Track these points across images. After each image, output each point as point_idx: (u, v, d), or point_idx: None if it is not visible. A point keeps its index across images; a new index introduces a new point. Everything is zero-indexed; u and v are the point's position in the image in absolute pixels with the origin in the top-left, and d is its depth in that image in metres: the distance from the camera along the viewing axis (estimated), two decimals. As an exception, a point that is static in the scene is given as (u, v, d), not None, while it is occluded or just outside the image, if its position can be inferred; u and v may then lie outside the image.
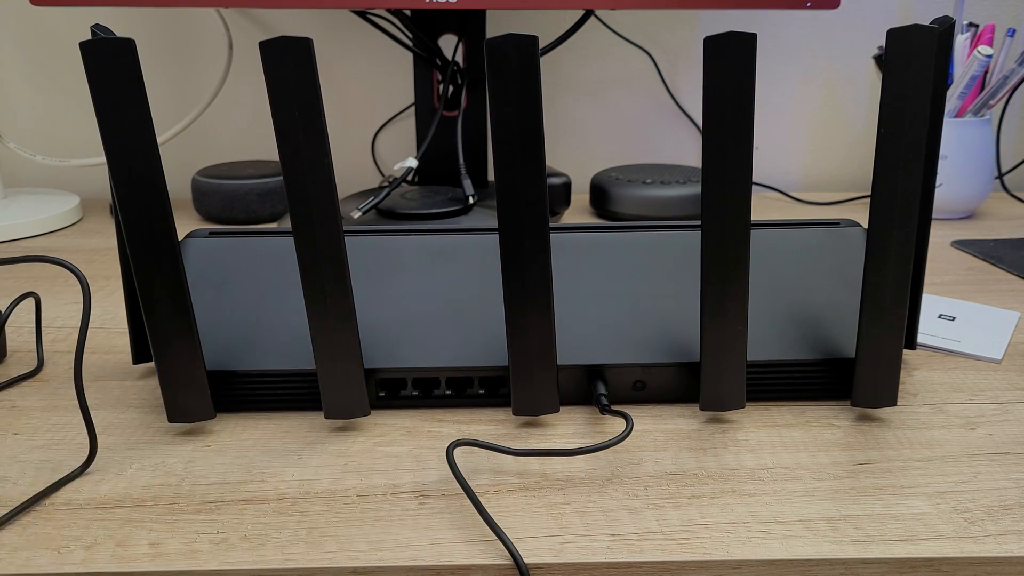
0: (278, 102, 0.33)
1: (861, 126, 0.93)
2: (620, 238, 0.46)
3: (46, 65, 0.88)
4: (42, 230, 0.75)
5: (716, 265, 0.36)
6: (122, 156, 0.35)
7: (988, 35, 0.73)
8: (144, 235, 0.37)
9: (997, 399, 0.42)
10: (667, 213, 0.74)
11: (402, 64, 0.89)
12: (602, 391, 0.40)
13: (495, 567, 0.30)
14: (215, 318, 0.42)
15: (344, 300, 0.37)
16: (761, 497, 0.34)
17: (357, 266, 0.44)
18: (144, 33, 0.87)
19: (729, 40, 0.32)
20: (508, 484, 0.35)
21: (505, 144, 0.34)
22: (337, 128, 0.92)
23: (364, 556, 0.30)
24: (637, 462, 0.36)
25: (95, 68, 0.34)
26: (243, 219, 0.77)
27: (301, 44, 0.33)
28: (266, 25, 0.88)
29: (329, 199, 0.35)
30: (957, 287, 0.59)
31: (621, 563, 0.30)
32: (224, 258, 0.45)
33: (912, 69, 0.33)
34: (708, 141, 0.34)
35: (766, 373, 0.41)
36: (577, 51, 0.90)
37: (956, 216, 0.79)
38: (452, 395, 0.41)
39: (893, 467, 0.36)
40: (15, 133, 0.90)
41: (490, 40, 0.32)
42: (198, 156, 0.91)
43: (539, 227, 0.35)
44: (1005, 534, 0.31)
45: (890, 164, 0.35)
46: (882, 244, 0.36)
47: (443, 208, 0.68)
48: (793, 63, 0.91)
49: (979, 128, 0.75)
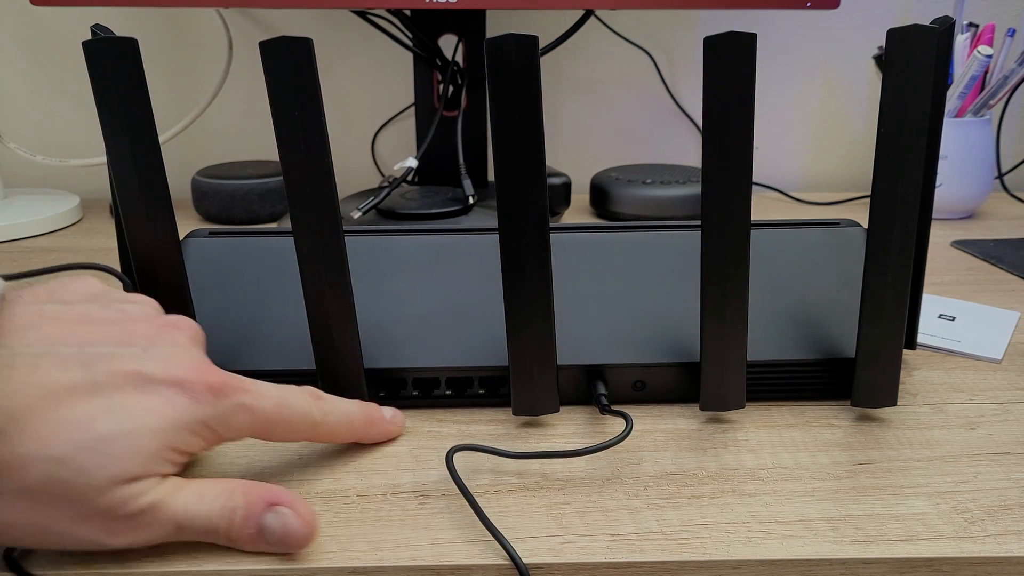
0: (278, 102, 0.33)
1: (861, 126, 0.93)
2: (620, 238, 0.46)
3: (46, 65, 0.88)
4: (42, 230, 0.75)
5: (716, 265, 0.36)
6: (123, 156, 0.35)
7: (988, 35, 0.73)
8: (145, 235, 0.37)
9: (997, 399, 0.42)
10: (667, 213, 0.74)
11: (402, 64, 0.89)
12: (602, 391, 0.40)
13: (495, 567, 0.30)
14: (215, 318, 0.42)
15: (344, 300, 0.37)
16: (761, 497, 0.34)
17: (357, 266, 0.44)
18: (144, 33, 0.87)
19: (729, 40, 0.32)
20: (508, 484, 0.35)
21: (505, 144, 0.34)
22: (337, 128, 0.92)
23: (364, 556, 0.30)
24: (637, 462, 0.36)
25: (98, 68, 0.34)
26: (243, 219, 0.77)
27: (301, 44, 0.33)
28: (266, 25, 0.88)
29: (329, 199, 0.35)
30: (957, 287, 0.59)
31: (621, 563, 0.30)
32: (224, 258, 0.45)
33: (912, 69, 0.33)
34: (708, 141, 0.34)
35: (766, 373, 0.41)
36: (577, 51, 0.90)
37: (956, 216, 0.79)
38: (452, 395, 0.41)
39: (893, 467, 0.36)
40: (15, 133, 0.90)
41: (490, 40, 0.32)
42: (198, 156, 0.91)
43: (539, 227, 0.35)
44: (1005, 534, 0.31)
45: (890, 164, 0.35)
46: (882, 244, 0.36)
47: (443, 208, 0.68)
48: (793, 63, 0.91)
49: (979, 128, 0.75)
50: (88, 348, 0.29)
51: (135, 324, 0.31)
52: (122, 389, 0.29)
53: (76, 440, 0.27)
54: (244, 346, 0.41)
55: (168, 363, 0.30)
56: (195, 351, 0.32)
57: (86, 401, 0.28)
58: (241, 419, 0.31)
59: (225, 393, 0.31)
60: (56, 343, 0.29)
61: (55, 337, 0.29)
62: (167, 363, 0.30)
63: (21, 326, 0.29)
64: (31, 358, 0.28)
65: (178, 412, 0.29)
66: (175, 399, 0.30)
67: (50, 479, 0.27)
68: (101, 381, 0.28)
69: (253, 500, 0.30)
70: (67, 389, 0.28)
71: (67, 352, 0.29)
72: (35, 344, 0.28)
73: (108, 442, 0.28)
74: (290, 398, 0.33)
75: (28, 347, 0.28)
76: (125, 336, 0.30)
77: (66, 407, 0.27)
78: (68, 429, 0.27)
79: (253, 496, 0.30)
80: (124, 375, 0.29)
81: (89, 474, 0.27)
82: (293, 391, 0.34)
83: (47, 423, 0.27)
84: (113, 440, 0.28)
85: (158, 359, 0.30)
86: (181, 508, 0.29)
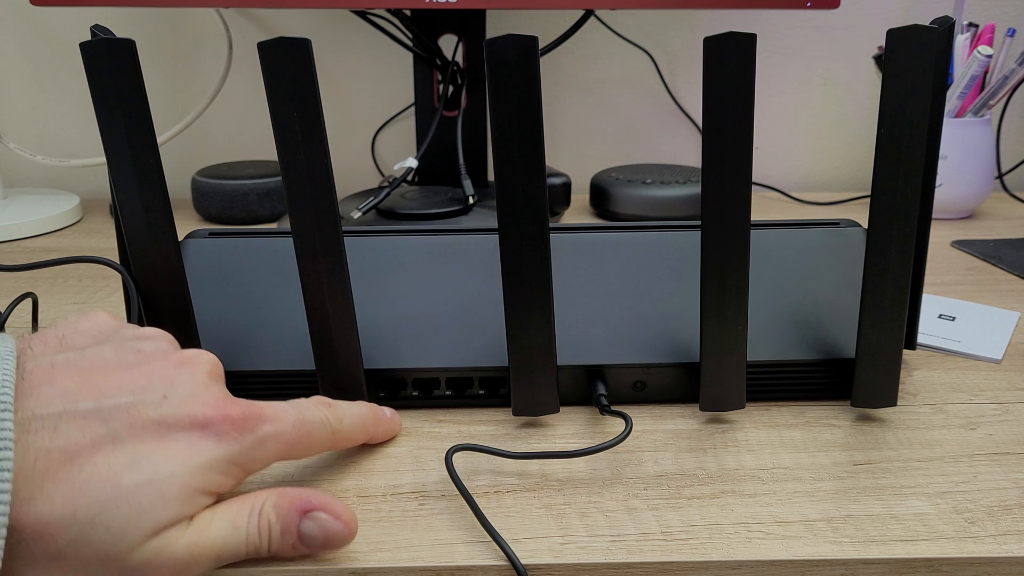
0: (277, 103, 0.33)
1: (861, 126, 0.93)
2: (620, 238, 0.46)
3: (46, 65, 0.88)
4: (42, 230, 0.75)
5: (716, 265, 0.36)
6: (122, 156, 0.35)
7: (988, 35, 0.73)
8: (144, 235, 0.37)
9: (997, 399, 0.42)
10: (667, 213, 0.74)
11: (402, 64, 0.89)
12: (602, 391, 0.40)
13: (495, 568, 0.30)
14: (215, 318, 0.42)
15: (344, 300, 0.37)
16: (761, 497, 0.34)
17: (357, 266, 0.44)
18: (144, 33, 0.87)
19: (729, 40, 0.32)
20: (508, 485, 0.35)
21: (505, 144, 0.34)
22: (337, 128, 0.92)
23: (364, 557, 0.30)
24: (637, 462, 0.36)
25: (95, 69, 0.34)
26: (243, 219, 0.77)
27: (299, 45, 0.33)
28: (266, 25, 0.88)
29: (328, 199, 0.35)
30: (957, 287, 0.59)
31: (621, 564, 0.30)
32: (224, 258, 0.45)
33: (912, 69, 0.33)
34: (708, 141, 0.34)
35: (766, 373, 0.41)
36: (577, 51, 0.90)
37: (956, 216, 0.79)
38: (452, 395, 0.41)
39: (893, 467, 0.36)
40: (15, 133, 0.90)
41: (490, 40, 0.32)
42: (198, 156, 0.91)
43: (539, 227, 0.35)
44: (1005, 534, 0.31)
45: (890, 164, 0.35)
46: (882, 244, 0.36)
47: (443, 208, 0.68)
48: (793, 63, 0.91)
49: (979, 128, 0.75)
50: (106, 400, 0.28)
51: (151, 365, 0.30)
52: (143, 440, 0.28)
53: (102, 499, 0.26)
54: (244, 346, 0.41)
55: (189, 404, 0.29)
56: (215, 387, 0.31)
57: (109, 457, 0.27)
58: (268, 449, 0.31)
59: (248, 427, 0.30)
60: (73, 399, 0.28)
61: (71, 392, 0.28)
62: (188, 404, 0.29)
63: (35, 384, 0.28)
64: (50, 420, 0.27)
65: (203, 455, 0.29)
66: (198, 442, 0.29)
67: (81, 542, 0.26)
68: (122, 435, 0.28)
69: (286, 512, 0.30)
70: (89, 447, 0.27)
71: (85, 408, 0.28)
72: (52, 403, 0.27)
73: (134, 495, 0.27)
74: (307, 413, 0.33)
75: (44, 407, 0.27)
76: (143, 380, 0.29)
77: (90, 466, 0.27)
78: (93, 489, 0.26)
79: (285, 507, 0.30)
80: (145, 425, 0.28)
81: (119, 532, 0.26)
82: (307, 404, 0.33)
83: (73, 486, 0.26)
84: (138, 492, 0.27)
85: (178, 402, 0.29)
86: (218, 542, 0.29)
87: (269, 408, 0.31)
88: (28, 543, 0.26)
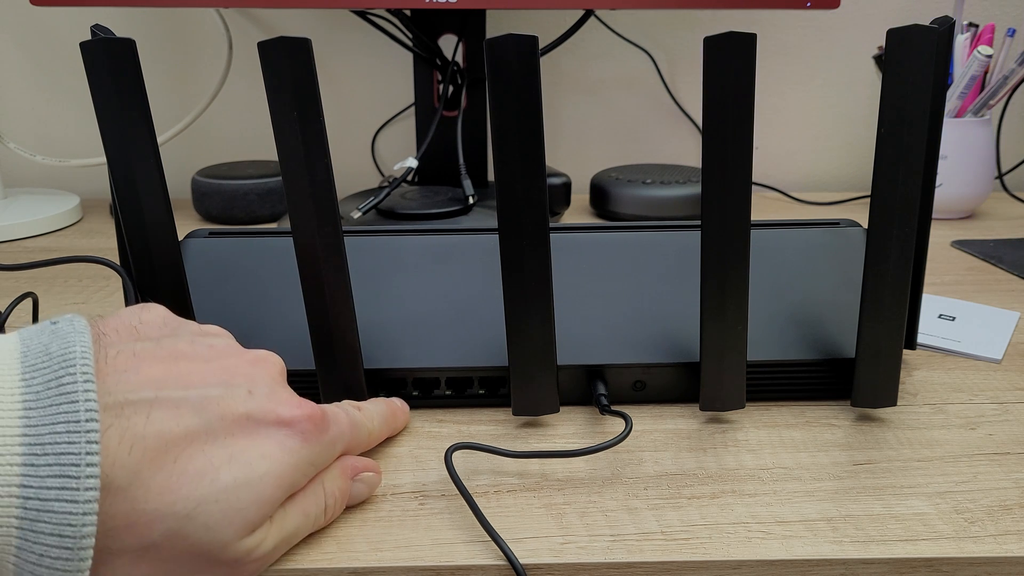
0: (277, 103, 0.33)
1: (861, 126, 0.93)
2: (620, 238, 0.46)
3: (46, 65, 0.88)
4: (42, 230, 0.75)
5: (716, 265, 0.36)
6: (122, 156, 0.35)
7: (988, 35, 0.73)
8: (144, 235, 0.37)
9: (997, 399, 0.42)
10: (667, 213, 0.74)
11: (402, 64, 0.89)
12: (602, 391, 0.40)
13: (495, 568, 0.30)
14: (215, 318, 0.42)
15: (344, 300, 0.37)
16: (761, 497, 0.34)
17: (357, 266, 0.44)
18: (144, 33, 0.87)
19: (729, 40, 0.32)
20: (508, 484, 0.35)
21: (505, 144, 0.34)
22: (337, 128, 0.92)
23: (364, 556, 0.30)
24: (637, 462, 0.36)
25: (95, 68, 0.34)
26: (243, 219, 0.77)
27: (299, 45, 0.33)
28: (266, 25, 0.88)
29: (328, 199, 0.35)
30: (957, 287, 0.59)
31: (621, 563, 0.30)
32: (224, 258, 0.45)
33: (912, 69, 0.33)
34: (708, 141, 0.34)
35: (766, 373, 0.41)
36: (577, 51, 0.90)
37: (956, 216, 0.79)
38: (452, 395, 0.41)
39: (893, 467, 0.36)
40: (15, 133, 0.90)
41: (490, 40, 0.32)
42: (198, 156, 0.91)
43: (539, 227, 0.35)
44: (1005, 534, 0.31)
45: (890, 164, 0.35)
46: (882, 244, 0.36)
47: (443, 208, 0.68)
48: (793, 63, 0.91)
49: (979, 128, 0.75)
50: (194, 391, 0.28)
51: (228, 360, 0.30)
52: (236, 435, 0.28)
53: (200, 494, 0.26)
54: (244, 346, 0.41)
55: (272, 402, 0.29)
56: (287, 387, 0.31)
57: (205, 450, 0.27)
58: (336, 450, 0.32)
59: (324, 428, 0.31)
60: (161, 387, 0.27)
61: (158, 380, 0.27)
62: (272, 402, 0.29)
63: (119, 369, 0.27)
64: (142, 406, 0.26)
65: (292, 456, 0.29)
66: (287, 441, 0.29)
67: (175, 535, 0.26)
68: (216, 428, 0.27)
69: (342, 487, 0.32)
70: (184, 438, 0.26)
71: (176, 396, 0.27)
72: (142, 388, 0.27)
73: (232, 493, 0.27)
74: (352, 416, 0.34)
75: (135, 392, 0.26)
76: (225, 375, 0.29)
77: (185, 457, 0.26)
78: (191, 482, 0.26)
79: (340, 484, 0.32)
80: (236, 419, 0.28)
81: (215, 529, 0.26)
82: (344, 407, 0.34)
83: (169, 477, 0.26)
84: (237, 491, 0.27)
85: (262, 398, 0.29)
86: (294, 532, 0.30)
87: (329, 409, 0.32)
88: (119, 532, 0.25)
